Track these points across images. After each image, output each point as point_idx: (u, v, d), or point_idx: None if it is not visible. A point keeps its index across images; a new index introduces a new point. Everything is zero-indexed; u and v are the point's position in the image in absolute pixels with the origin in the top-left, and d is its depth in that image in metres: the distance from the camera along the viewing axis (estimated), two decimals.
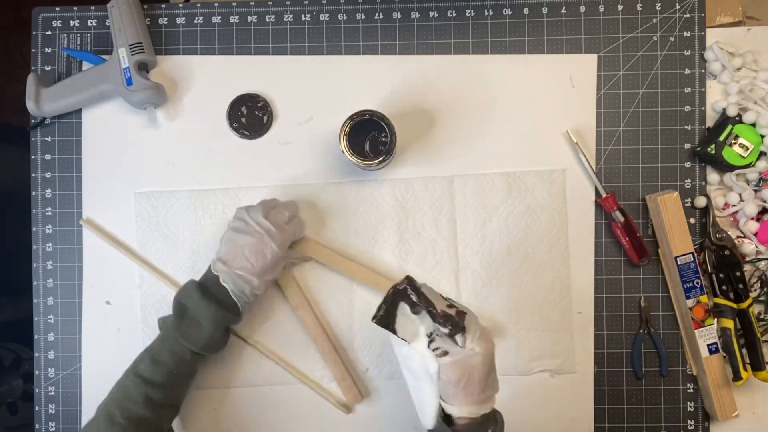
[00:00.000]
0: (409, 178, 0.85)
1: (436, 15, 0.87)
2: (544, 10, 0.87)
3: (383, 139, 0.78)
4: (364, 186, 0.85)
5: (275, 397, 0.85)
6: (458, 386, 0.63)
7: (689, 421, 0.85)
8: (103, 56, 0.86)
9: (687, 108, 0.86)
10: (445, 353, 0.63)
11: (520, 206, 0.85)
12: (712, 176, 0.85)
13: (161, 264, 0.86)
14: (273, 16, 0.88)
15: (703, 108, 0.85)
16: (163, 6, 0.89)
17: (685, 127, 0.86)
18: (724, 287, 0.82)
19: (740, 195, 0.84)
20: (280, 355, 0.85)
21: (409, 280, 0.65)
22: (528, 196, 0.85)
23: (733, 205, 0.84)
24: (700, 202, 0.84)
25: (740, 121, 0.83)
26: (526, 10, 0.87)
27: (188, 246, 0.86)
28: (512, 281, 0.85)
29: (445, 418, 0.65)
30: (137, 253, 0.86)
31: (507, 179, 0.85)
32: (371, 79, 0.86)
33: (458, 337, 0.63)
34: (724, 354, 0.83)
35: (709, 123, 0.86)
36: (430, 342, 0.64)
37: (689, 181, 0.85)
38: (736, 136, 0.82)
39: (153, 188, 0.87)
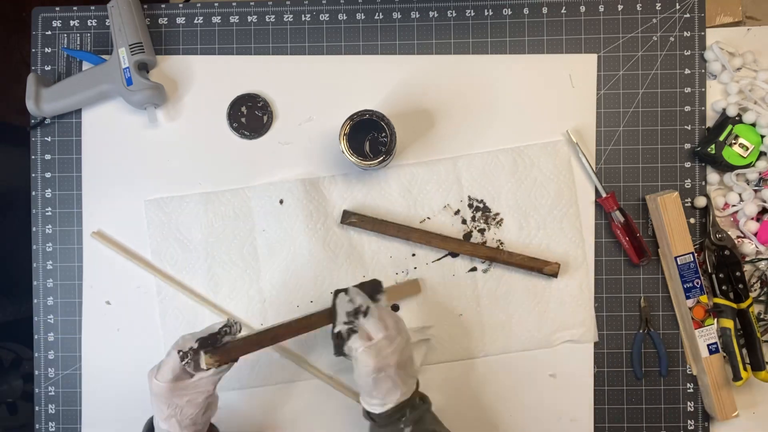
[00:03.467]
0: (412, 164, 0.85)
1: (436, 15, 0.87)
2: (544, 10, 0.86)
3: (383, 139, 0.78)
4: (371, 176, 0.85)
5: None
6: (360, 388, 0.70)
7: (689, 421, 0.85)
8: (103, 56, 0.86)
9: (687, 108, 0.86)
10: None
11: (527, 180, 0.85)
12: (712, 176, 0.85)
13: (177, 269, 0.86)
14: (273, 16, 0.88)
15: (703, 108, 0.85)
16: (163, 6, 0.89)
17: (685, 127, 0.86)
18: (724, 287, 0.82)
19: (740, 195, 0.84)
20: (297, 353, 0.85)
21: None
22: (534, 169, 0.85)
23: (733, 205, 0.84)
24: (700, 202, 0.84)
25: (740, 121, 0.83)
26: (526, 10, 0.87)
27: (202, 249, 0.86)
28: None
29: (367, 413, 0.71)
30: (149, 262, 0.86)
31: (511, 155, 0.85)
32: (371, 79, 0.86)
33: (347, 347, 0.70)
34: (724, 354, 0.83)
35: (709, 123, 0.86)
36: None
37: (689, 181, 0.85)
38: (736, 136, 0.82)
39: (153, 188, 0.87)
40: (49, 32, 0.89)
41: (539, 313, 0.85)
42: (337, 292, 0.73)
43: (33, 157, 0.88)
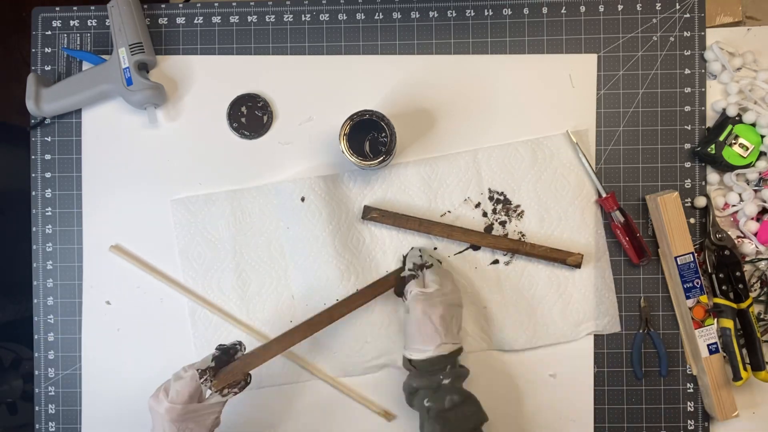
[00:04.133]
0: (432, 158, 0.85)
1: (436, 15, 0.87)
2: (544, 10, 0.86)
3: (383, 139, 0.78)
4: (390, 171, 0.85)
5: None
6: (407, 337, 0.75)
7: (689, 421, 0.85)
8: (103, 56, 0.86)
9: (687, 108, 0.85)
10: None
11: (547, 171, 0.85)
12: (712, 176, 0.85)
13: (205, 268, 0.86)
14: (273, 16, 0.88)
15: (703, 108, 0.85)
16: (163, 6, 0.89)
17: (685, 127, 0.86)
18: (724, 287, 0.82)
19: (740, 195, 0.84)
20: (302, 357, 0.86)
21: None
22: (554, 160, 0.85)
23: (733, 205, 0.84)
24: (700, 202, 0.84)
25: (740, 121, 0.83)
26: (526, 10, 0.87)
27: (230, 247, 0.86)
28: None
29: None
30: (166, 274, 0.87)
31: (531, 146, 0.85)
32: (371, 79, 0.86)
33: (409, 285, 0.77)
34: (724, 354, 0.83)
35: (709, 123, 0.86)
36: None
37: (689, 181, 0.85)
38: (736, 136, 0.82)
39: (153, 188, 0.87)
40: (49, 32, 0.89)
41: (563, 304, 0.85)
42: (412, 248, 0.84)
43: (33, 157, 0.88)
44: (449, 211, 0.85)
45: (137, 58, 0.83)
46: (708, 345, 0.82)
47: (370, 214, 0.84)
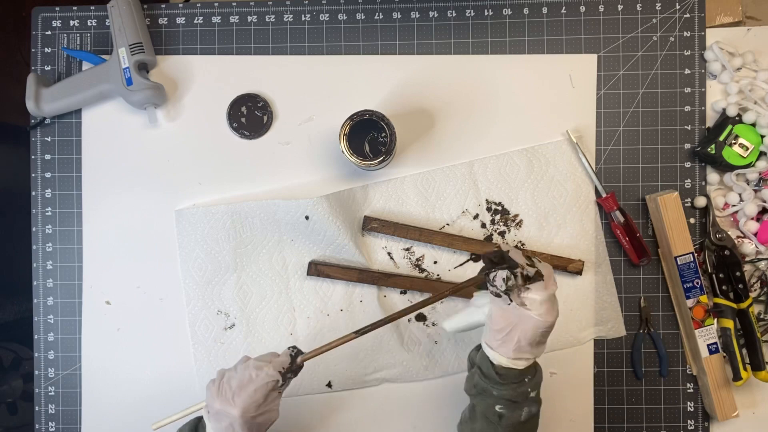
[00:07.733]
0: (430, 170, 0.85)
1: (436, 15, 0.87)
2: (544, 10, 0.86)
3: (383, 139, 0.78)
4: (387, 185, 0.85)
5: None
6: (499, 336, 0.65)
7: (689, 421, 0.85)
8: (103, 56, 0.86)
9: (687, 108, 0.86)
10: (498, 296, 0.64)
11: (543, 180, 0.85)
12: (712, 176, 0.85)
13: (206, 279, 0.86)
14: (273, 16, 0.88)
15: (703, 108, 0.85)
16: (163, 6, 0.89)
17: (685, 127, 0.86)
18: (724, 287, 0.82)
19: (740, 195, 0.84)
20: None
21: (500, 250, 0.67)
22: (550, 168, 0.85)
23: (733, 205, 0.84)
24: (700, 202, 0.84)
25: (740, 121, 0.83)
26: (526, 10, 0.87)
27: (230, 258, 0.85)
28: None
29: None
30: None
31: (526, 155, 0.85)
32: (371, 79, 0.86)
33: (516, 293, 0.64)
34: (724, 354, 0.83)
35: (709, 123, 0.86)
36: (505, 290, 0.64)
37: (689, 181, 0.85)
38: (736, 136, 0.82)
39: (153, 188, 0.87)
40: (49, 32, 0.89)
41: (566, 311, 0.85)
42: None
43: (33, 157, 0.88)
44: (448, 224, 0.85)
45: (137, 58, 0.83)
46: (708, 345, 0.82)
47: (371, 224, 0.84)
